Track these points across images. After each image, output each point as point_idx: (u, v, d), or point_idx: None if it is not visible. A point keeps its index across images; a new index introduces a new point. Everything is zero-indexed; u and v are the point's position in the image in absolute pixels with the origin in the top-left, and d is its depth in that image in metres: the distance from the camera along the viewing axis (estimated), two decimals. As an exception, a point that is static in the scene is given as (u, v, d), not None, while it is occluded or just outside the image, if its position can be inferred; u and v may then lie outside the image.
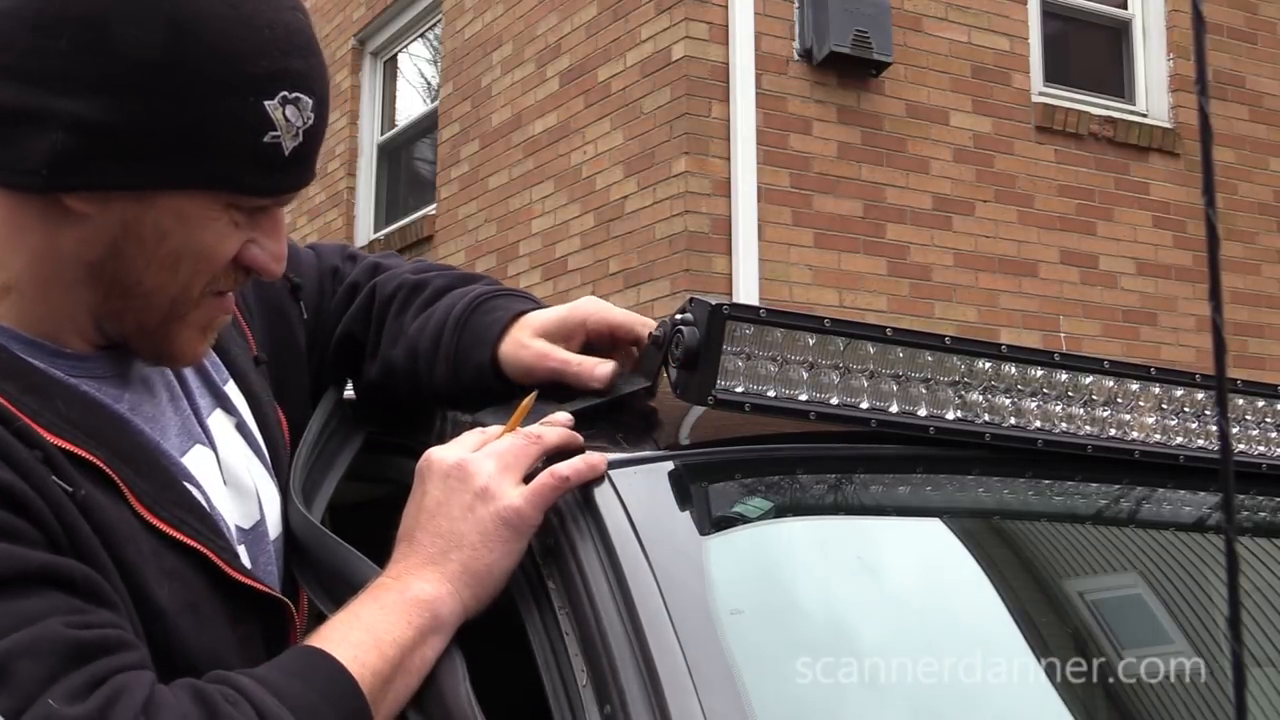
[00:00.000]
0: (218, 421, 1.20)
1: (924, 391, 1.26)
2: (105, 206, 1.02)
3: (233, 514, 1.16)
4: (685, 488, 1.19)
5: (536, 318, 1.31)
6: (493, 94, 7.70)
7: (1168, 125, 7.29)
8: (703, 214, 6.01)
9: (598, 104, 6.68)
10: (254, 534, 1.18)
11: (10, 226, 1.04)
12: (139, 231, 1.04)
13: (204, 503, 1.11)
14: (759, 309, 1.20)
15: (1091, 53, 7.59)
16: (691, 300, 1.20)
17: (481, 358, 1.29)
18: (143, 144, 0.99)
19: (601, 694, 1.00)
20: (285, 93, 1.03)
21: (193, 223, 1.04)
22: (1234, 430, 1.40)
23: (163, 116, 0.99)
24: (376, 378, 1.38)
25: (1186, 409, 1.38)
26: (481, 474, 1.10)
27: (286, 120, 1.03)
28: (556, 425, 1.17)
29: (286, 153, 1.04)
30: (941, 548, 1.30)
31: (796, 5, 6.31)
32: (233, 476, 1.18)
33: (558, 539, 1.10)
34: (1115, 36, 7.53)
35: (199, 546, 1.06)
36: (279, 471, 1.25)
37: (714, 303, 1.18)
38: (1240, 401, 1.41)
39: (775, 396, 1.21)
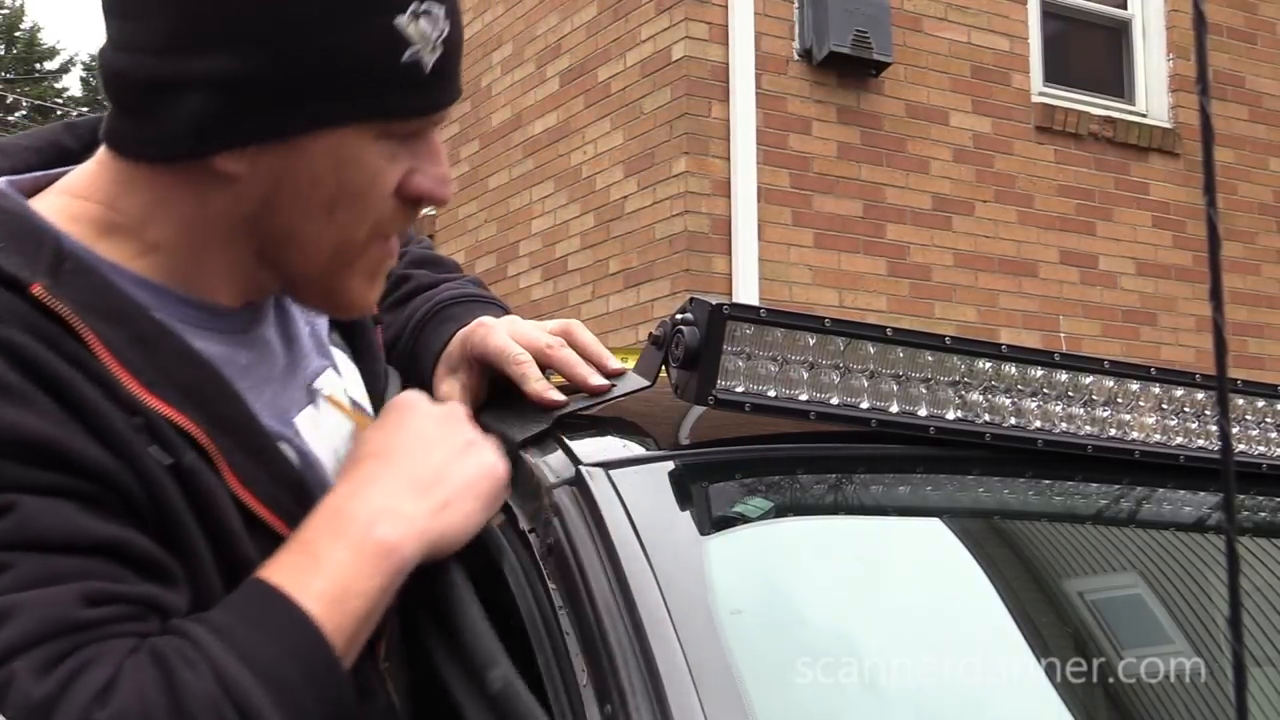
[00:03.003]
0: (325, 382, 1.18)
1: (924, 391, 1.27)
2: (255, 162, 0.99)
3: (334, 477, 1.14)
4: (685, 488, 1.19)
5: (455, 344, 1.29)
6: (493, 94, 7.70)
7: (1168, 125, 7.29)
8: (703, 214, 6.02)
9: (598, 104, 6.68)
10: None
11: (155, 197, 1.02)
12: (293, 181, 1.00)
13: (303, 475, 1.07)
14: (759, 309, 1.20)
15: (1091, 53, 7.59)
16: (691, 300, 1.20)
17: (424, 372, 1.30)
18: (283, 90, 0.97)
19: (601, 694, 1.00)
20: (415, 4, 0.99)
21: (347, 163, 1.01)
22: (1234, 430, 1.40)
23: (296, 57, 0.96)
24: None
25: (1187, 409, 1.38)
26: (468, 426, 1.11)
27: (422, 33, 0.99)
28: None
29: (428, 69, 1.00)
30: (942, 548, 1.30)
31: (796, 5, 6.32)
32: (341, 441, 1.15)
33: (558, 539, 1.10)
34: (1115, 36, 7.53)
35: (286, 529, 1.02)
36: None
37: (714, 303, 1.18)
38: (1240, 401, 1.41)
39: (775, 396, 1.21)
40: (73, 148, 1.12)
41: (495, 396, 1.29)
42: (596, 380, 1.26)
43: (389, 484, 1.04)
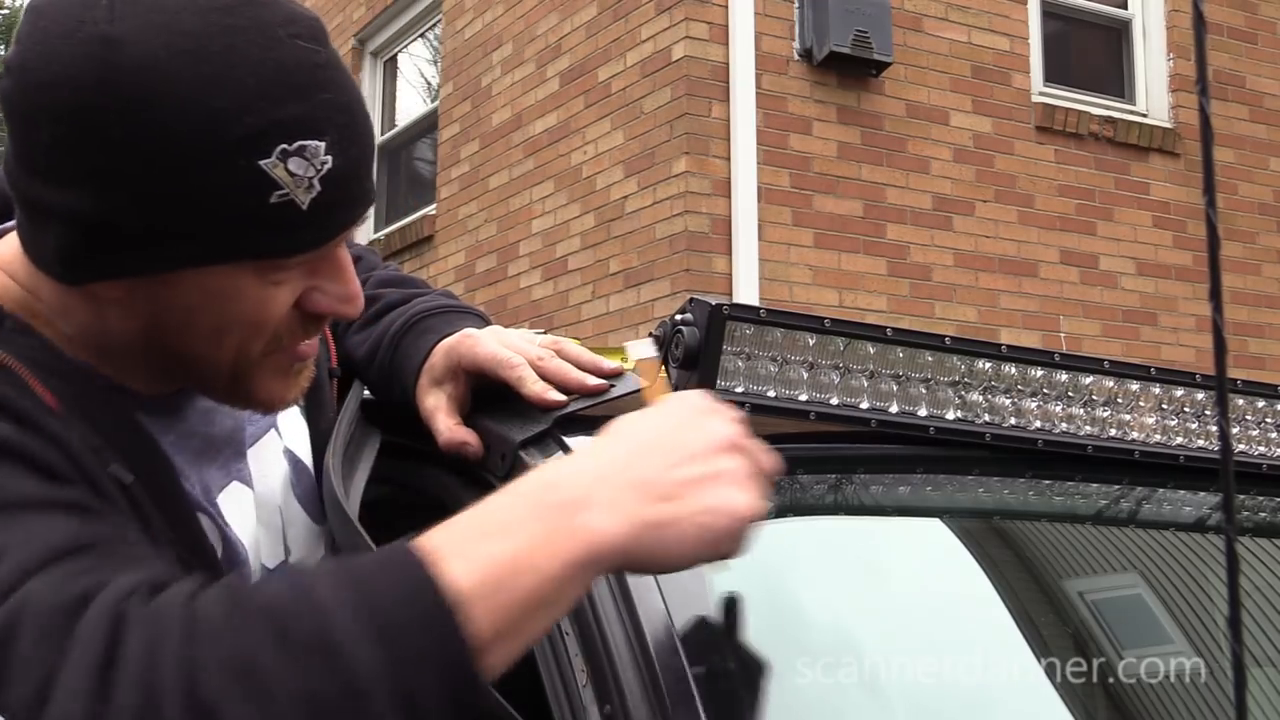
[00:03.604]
0: (263, 447, 1.17)
1: (924, 391, 1.27)
2: (132, 290, 0.96)
3: (264, 553, 1.14)
4: (685, 488, 1.19)
5: (438, 355, 1.26)
6: (493, 94, 7.70)
7: (1168, 125, 7.29)
8: (703, 214, 6.01)
9: (598, 104, 6.68)
10: (280, 572, 1.16)
11: (61, 304, 1.01)
12: (170, 310, 0.97)
13: (218, 549, 1.06)
14: (759, 309, 1.20)
15: (1091, 53, 7.59)
16: (691, 300, 1.20)
17: (406, 384, 1.28)
18: (139, 230, 0.92)
19: (601, 694, 1.00)
20: (284, 146, 0.91)
21: (224, 295, 0.96)
22: (1234, 430, 1.40)
23: (150, 200, 0.91)
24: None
25: (1186, 409, 1.38)
26: (747, 465, 0.89)
27: (292, 175, 0.92)
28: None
29: (304, 207, 0.93)
30: (942, 548, 1.30)
31: (796, 5, 6.32)
32: (266, 514, 1.16)
33: (558, 539, 1.10)
34: (1115, 36, 7.53)
35: None
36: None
37: (714, 303, 1.18)
38: (1240, 401, 1.41)
39: (775, 396, 1.21)
40: None
41: (488, 401, 1.28)
42: (593, 381, 1.25)
43: (618, 480, 0.86)
